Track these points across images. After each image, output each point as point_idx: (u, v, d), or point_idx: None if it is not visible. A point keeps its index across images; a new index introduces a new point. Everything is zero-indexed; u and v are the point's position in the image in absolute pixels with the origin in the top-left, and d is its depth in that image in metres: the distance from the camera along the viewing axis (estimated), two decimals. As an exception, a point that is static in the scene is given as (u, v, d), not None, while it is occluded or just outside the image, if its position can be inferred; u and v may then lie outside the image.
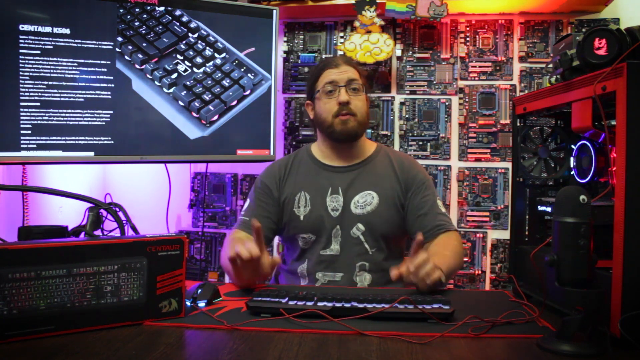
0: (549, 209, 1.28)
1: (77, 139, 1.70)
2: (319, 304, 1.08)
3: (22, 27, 1.61)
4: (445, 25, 2.20)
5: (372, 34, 2.10)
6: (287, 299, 1.11)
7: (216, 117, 1.93)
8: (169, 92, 1.86)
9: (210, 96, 1.91)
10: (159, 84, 1.84)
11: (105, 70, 1.74)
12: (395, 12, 2.08)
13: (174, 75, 1.86)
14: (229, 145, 1.96)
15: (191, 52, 1.89)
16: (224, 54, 1.93)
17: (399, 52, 2.20)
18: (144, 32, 1.81)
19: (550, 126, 1.46)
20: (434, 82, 2.20)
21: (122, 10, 1.77)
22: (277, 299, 1.11)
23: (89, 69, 1.71)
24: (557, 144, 1.44)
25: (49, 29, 1.65)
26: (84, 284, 0.98)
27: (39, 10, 1.63)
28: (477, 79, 2.19)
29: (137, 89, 1.80)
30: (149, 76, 1.82)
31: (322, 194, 1.55)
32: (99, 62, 1.73)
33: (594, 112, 1.07)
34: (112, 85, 1.75)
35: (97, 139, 1.73)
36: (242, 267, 1.20)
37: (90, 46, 1.71)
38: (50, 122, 1.66)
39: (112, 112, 1.75)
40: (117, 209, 1.26)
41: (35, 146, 1.64)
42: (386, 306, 1.07)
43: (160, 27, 1.84)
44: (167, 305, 1.05)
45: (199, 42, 1.90)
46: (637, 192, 0.91)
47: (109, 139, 1.75)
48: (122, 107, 1.77)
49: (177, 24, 1.86)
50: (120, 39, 1.76)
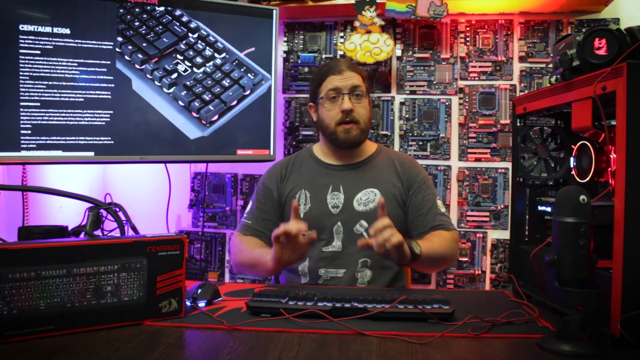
0: (549, 209, 1.28)
1: (77, 139, 1.70)
2: (319, 304, 1.09)
3: (22, 27, 1.60)
4: (445, 25, 2.20)
5: (372, 34, 2.10)
6: (287, 299, 1.11)
7: (216, 117, 1.93)
8: (169, 92, 1.86)
9: (210, 96, 1.91)
10: (159, 84, 1.84)
11: (105, 70, 1.74)
12: (395, 12, 2.08)
13: (174, 75, 1.86)
14: (229, 145, 1.96)
15: (191, 52, 1.89)
16: (224, 54, 1.93)
17: (399, 52, 2.20)
18: (144, 32, 1.81)
19: (550, 126, 1.46)
20: (434, 82, 2.20)
21: (122, 10, 1.76)
22: (277, 299, 1.11)
23: (89, 69, 1.71)
24: (557, 144, 1.44)
25: (49, 29, 1.65)
26: (84, 284, 0.98)
27: (39, 10, 1.63)
28: (477, 79, 2.19)
29: (137, 89, 1.80)
30: (149, 76, 1.82)
31: (323, 192, 1.57)
32: (99, 62, 1.73)
33: (594, 112, 1.07)
34: (112, 85, 1.75)
35: (97, 139, 1.73)
36: (286, 245, 1.32)
37: (90, 46, 1.71)
38: (50, 122, 1.66)
39: (112, 112, 1.75)
40: (117, 209, 1.26)
41: (35, 146, 1.64)
42: (386, 306, 1.07)
43: (160, 27, 1.84)
44: (167, 305, 1.06)
45: (199, 42, 1.90)
46: (637, 192, 0.91)
47: (109, 139, 1.75)
48: (122, 107, 1.77)
49: (177, 24, 1.86)
50: (120, 39, 1.76)
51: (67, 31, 1.67)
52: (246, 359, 0.87)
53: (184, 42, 1.88)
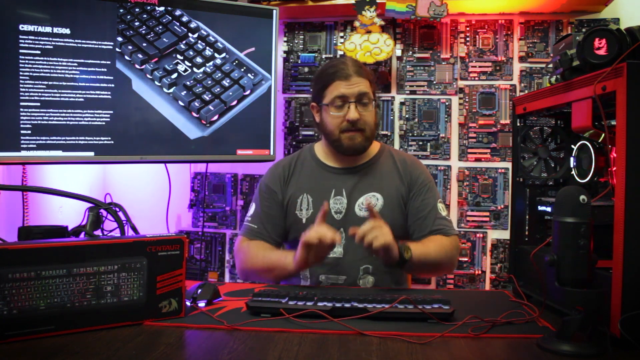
0: (549, 209, 1.28)
1: (77, 139, 1.70)
2: (319, 304, 1.09)
3: (22, 27, 1.60)
4: (445, 25, 2.20)
5: (372, 34, 2.10)
6: (287, 299, 1.11)
7: (216, 117, 1.93)
8: (169, 92, 1.86)
9: (210, 96, 1.91)
10: (159, 84, 1.84)
11: (105, 70, 1.74)
12: (395, 12, 2.08)
13: (174, 75, 1.86)
14: (229, 145, 1.96)
15: (191, 52, 1.89)
16: (224, 54, 1.93)
17: (399, 52, 2.20)
18: (144, 32, 1.81)
19: (550, 126, 1.46)
20: (434, 82, 2.20)
21: (122, 10, 1.76)
22: (277, 299, 1.11)
23: (89, 69, 1.71)
24: (557, 144, 1.44)
25: (49, 29, 1.65)
26: (84, 284, 0.98)
27: (39, 10, 1.63)
28: (477, 79, 2.19)
29: (137, 89, 1.80)
30: (149, 76, 1.82)
31: (325, 196, 1.54)
32: (99, 62, 1.73)
33: (594, 112, 1.07)
34: (112, 85, 1.75)
35: (97, 139, 1.73)
36: (316, 250, 1.31)
37: (90, 46, 1.71)
38: (50, 122, 1.66)
39: (112, 112, 1.75)
40: (117, 209, 1.26)
41: (35, 146, 1.64)
42: (386, 306, 1.07)
43: (160, 27, 1.84)
44: (167, 305, 1.06)
45: (199, 42, 1.90)
46: (637, 192, 0.91)
47: (109, 139, 1.75)
48: (122, 107, 1.77)
49: (177, 24, 1.86)
50: (120, 39, 1.76)
51: (67, 31, 1.67)
52: (246, 359, 0.87)
53: (184, 42, 1.88)
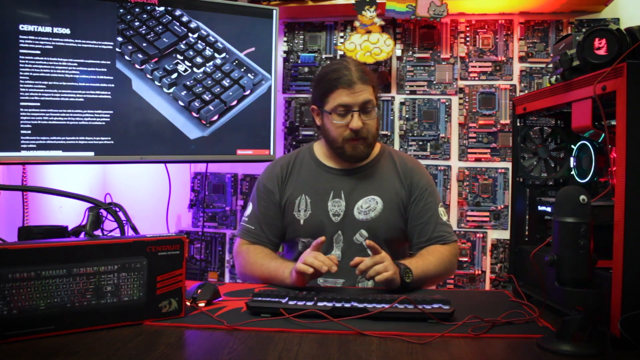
0: (549, 209, 1.28)
1: (77, 139, 1.70)
2: (319, 304, 1.09)
3: (22, 27, 1.60)
4: (445, 25, 2.20)
5: (372, 34, 2.10)
6: (287, 299, 1.11)
7: (216, 117, 1.93)
8: (169, 92, 1.86)
9: (210, 96, 1.91)
10: (159, 84, 1.84)
11: (105, 70, 1.74)
12: (395, 12, 2.08)
13: (174, 75, 1.86)
14: (229, 145, 1.96)
15: (191, 52, 1.89)
16: (224, 54, 1.93)
17: (399, 52, 2.20)
18: (144, 32, 1.81)
19: (550, 126, 1.46)
20: (434, 82, 2.20)
21: (122, 10, 1.76)
22: (277, 299, 1.11)
23: (89, 69, 1.71)
24: (557, 144, 1.44)
25: (49, 29, 1.65)
26: (84, 284, 0.98)
27: (39, 10, 1.63)
28: (477, 79, 2.19)
29: (137, 89, 1.80)
30: (149, 76, 1.82)
31: (324, 198, 1.52)
32: (99, 62, 1.73)
33: (594, 112, 1.06)
34: (112, 85, 1.75)
35: (97, 139, 1.73)
36: (311, 275, 1.27)
37: (90, 46, 1.71)
38: (50, 122, 1.66)
39: (112, 112, 1.75)
40: (117, 209, 1.26)
41: (35, 146, 1.64)
42: (386, 306, 1.07)
43: (160, 27, 1.84)
44: (167, 305, 1.06)
45: (199, 42, 1.90)
46: (637, 192, 0.91)
47: (109, 139, 1.75)
48: (122, 107, 1.77)
49: (177, 24, 1.86)
50: (120, 39, 1.76)
51: (67, 31, 1.67)
52: (246, 359, 0.87)
53: (184, 42, 1.88)
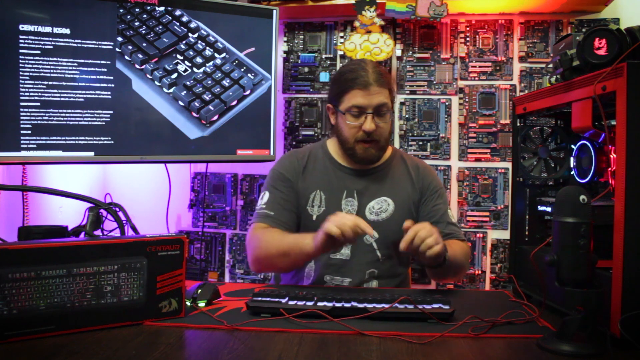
0: (549, 209, 1.28)
1: (77, 139, 1.70)
2: (319, 304, 1.09)
3: (22, 27, 1.60)
4: (445, 25, 2.20)
5: (372, 34, 2.10)
6: (287, 298, 1.11)
7: (216, 117, 1.93)
8: (169, 92, 1.86)
9: (210, 96, 1.91)
10: (159, 84, 1.84)
11: (105, 70, 1.74)
12: (395, 12, 2.08)
13: (174, 75, 1.86)
14: (229, 145, 1.96)
15: (191, 52, 1.89)
16: (224, 54, 1.93)
17: (399, 52, 2.20)
18: (144, 32, 1.81)
19: (550, 126, 1.46)
20: (434, 82, 2.20)
21: (122, 10, 1.76)
22: (277, 299, 1.11)
23: (89, 69, 1.71)
24: (557, 144, 1.44)
25: (49, 29, 1.65)
26: (84, 284, 0.98)
27: (39, 10, 1.63)
28: (477, 79, 2.19)
29: (137, 89, 1.80)
30: (149, 76, 1.82)
31: (338, 196, 1.53)
32: (99, 62, 1.73)
33: (594, 112, 1.07)
34: (112, 85, 1.75)
35: (97, 139, 1.73)
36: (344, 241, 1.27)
37: (90, 46, 1.71)
38: (50, 122, 1.66)
39: (112, 112, 1.75)
40: (117, 209, 1.26)
41: (35, 146, 1.64)
42: (386, 306, 1.07)
43: (160, 27, 1.84)
44: (167, 305, 1.05)
45: (199, 42, 1.90)
46: (637, 192, 0.91)
47: (109, 139, 1.75)
48: (122, 107, 1.77)
49: (177, 24, 1.86)
50: (120, 39, 1.76)
51: (67, 31, 1.67)
52: (246, 359, 0.87)
53: (184, 42, 1.88)
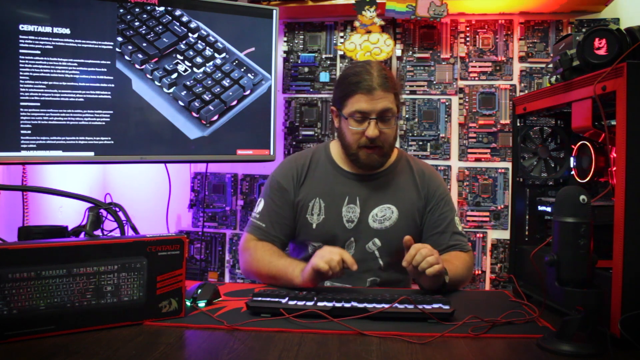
0: (549, 209, 1.28)
1: (77, 139, 1.70)
2: (319, 304, 1.09)
3: (22, 27, 1.60)
4: (445, 25, 2.20)
5: (372, 34, 2.10)
6: (287, 299, 1.11)
7: (216, 117, 1.93)
8: (169, 92, 1.85)
9: (210, 96, 1.91)
10: (159, 84, 1.84)
11: (105, 70, 1.74)
12: (395, 12, 2.08)
13: (174, 75, 1.86)
14: (229, 145, 1.96)
15: (191, 52, 1.88)
16: (224, 54, 1.93)
17: (399, 52, 2.20)
18: (144, 32, 1.81)
19: (550, 126, 1.46)
20: (434, 82, 2.20)
21: (122, 10, 1.76)
22: (277, 299, 1.11)
23: (89, 69, 1.71)
24: (557, 144, 1.44)
25: (49, 29, 1.65)
26: (84, 284, 0.98)
27: (39, 10, 1.63)
28: (477, 79, 2.19)
29: (137, 89, 1.80)
30: (149, 76, 1.82)
31: (338, 203, 1.50)
32: (99, 62, 1.73)
33: (594, 112, 1.07)
34: (112, 85, 1.75)
35: (97, 139, 1.73)
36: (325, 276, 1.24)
37: (90, 46, 1.71)
38: (50, 122, 1.66)
39: (112, 112, 1.75)
40: (117, 209, 1.26)
41: (35, 146, 1.64)
42: (386, 306, 1.07)
43: (160, 27, 1.84)
44: (167, 305, 1.06)
45: (199, 42, 1.90)
46: (637, 192, 0.91)
47: (109, 139, 1.75)
48: (122, 107, 1.77)
49: (177, 24, 1.86)
50: (120, 39, 1.76)
51: (67, 31, 1.67)
52: (246, 359, 0.87)
53: (184, 42, 1.88)
